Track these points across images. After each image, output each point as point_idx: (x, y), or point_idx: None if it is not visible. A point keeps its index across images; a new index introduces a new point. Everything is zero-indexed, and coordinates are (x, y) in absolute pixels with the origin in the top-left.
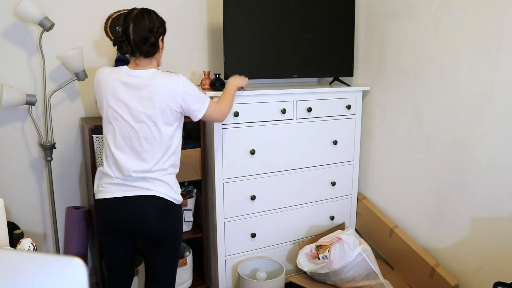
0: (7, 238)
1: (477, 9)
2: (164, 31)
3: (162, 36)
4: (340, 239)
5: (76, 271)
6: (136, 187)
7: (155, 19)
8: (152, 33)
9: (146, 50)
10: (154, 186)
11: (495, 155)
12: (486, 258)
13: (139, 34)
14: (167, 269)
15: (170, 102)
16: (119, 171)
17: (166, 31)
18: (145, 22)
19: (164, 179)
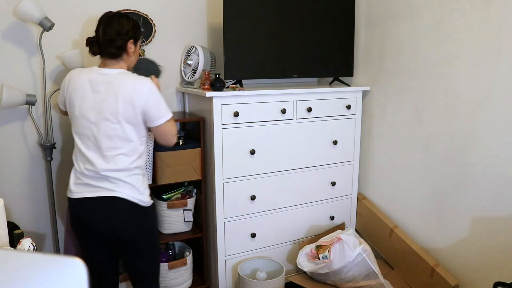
0: (7, 238)
1: (477, 9)
2: (135, 36)
3: (134, 40)
4: (340, 239)
5: (76, 271)
6: (101, 188)
7: (125, 23)
8: (119, 35)
9: (111, 51)
10: (117, 187)
11: (495, 155)
12: (486, 258)
13: (106, 36)
14: (144, 270)
15: (134, 103)
16: (88, 169)
17: (138, 36)
18: (114, 25)
19: (128, 180)
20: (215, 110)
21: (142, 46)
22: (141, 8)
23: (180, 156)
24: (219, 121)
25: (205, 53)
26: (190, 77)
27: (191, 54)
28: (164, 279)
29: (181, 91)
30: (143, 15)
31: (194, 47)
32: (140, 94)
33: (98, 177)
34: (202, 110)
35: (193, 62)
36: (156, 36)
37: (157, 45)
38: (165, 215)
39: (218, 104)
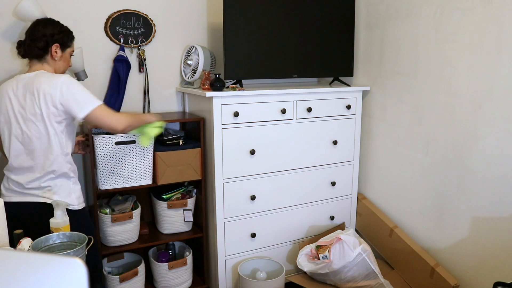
0: (7, 238)
1: (477, 9)
2: (62, 41)
3: (59, 45)
4: (340, 239)
5: (76, 271)
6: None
7: (51, 27)
8: (43, 37)
9: (32, 51)
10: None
11: (495, 155)
12: (486, 258)
13: (31, 36)
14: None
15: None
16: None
17: (66, 43)
18: (39, 28)
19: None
20: (215, 110)
21: (142, 46)
22: (141, 8)
23: (180, 156)
24: (219, 121)
25: (205, 53)
26: (190, 77)
27: (191, 54)
28: (164, 279)
29: (181, 91)
30: (143, 15)
31: (194, 47)
32: (55, 88)
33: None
34: (202, 110)
35: (193, 62)
36: (156, 36)
37: (157, 45)
38: (165, 215)
39: (218, 104)
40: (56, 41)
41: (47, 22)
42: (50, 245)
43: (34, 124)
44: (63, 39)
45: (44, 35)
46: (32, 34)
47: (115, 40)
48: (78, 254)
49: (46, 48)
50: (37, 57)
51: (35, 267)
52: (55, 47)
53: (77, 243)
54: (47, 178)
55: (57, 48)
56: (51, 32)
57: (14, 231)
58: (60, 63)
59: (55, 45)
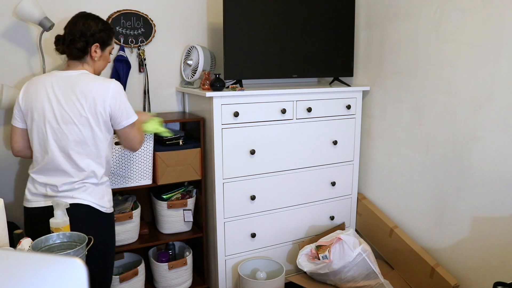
0: (7, 238)
1: (477, 9)
2: (102, 40)
3: (100, 44)
4: (340, 239)
5: (76, 271)
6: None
7: (92, 24)
8: (82, 36)
9: (71, 52)
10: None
11: (495, 155)
12: (486, 258)
13: (70, 36)
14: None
15: (99, 105)
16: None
17: (107, 42)
18: (79, 25)
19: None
20: (215, 110)
21: (142, 46)
22: (141, 8)
23: (180, 156)
24: (219, 121)
25: (205, 53)
26: (190, 77)
27: (191, 54)
28: (164, 279)
29: (181, 91)
30: (143, 15)
31: (194, 47)
32: (106, 95)
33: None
34: (202, 110)
35: (193, 62)
36: (156, 36)
37: (157, 45)
38: (165, 215)
39: (218, 104)
40: (96, 41)
41: (88, 17)
42: (50, 245)
43: (76, 127)
44: (104, 38)
45: (83, 34)
46: (71, 33)
47: (115, 40)
48: (78, 254)
49: (85, 49)
50: (75, 57)
51: (35, 267)
52: (95, 47)
53: (77, 243)
54: (83, 181)
55: (96, 48)
56: (91, 32)
57: (14, 231)
58: (100, 63)
59: (94, 45)
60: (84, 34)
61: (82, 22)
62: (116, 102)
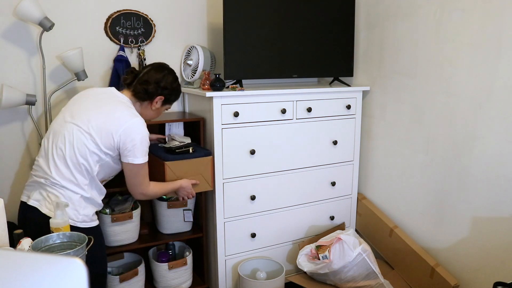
0: (7, 238)
1: (477, 9)
2: (168, 97)
3: (163, 97)
4: (340, 239)
5: (76, 271)
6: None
7: (170, 80)
8: (156, 83)
9: (138, 89)
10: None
11: (495, 155)
12: (486, 258)
13: (145, 76)
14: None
15: (109, 129)
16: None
17: (170, 101)
18: (159, 74)
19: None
20: (215, 110)
21: (142, 46)
22: (141, 8)
23: (190, 166)
24: (219, 121)
25: (205, 53)
26: (190, 77)
27: (191, 54)
28: (164, 279)
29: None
30: (143, 15)
31: (194, 47)
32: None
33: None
34: (202, 110)
35: (193, 62)
36: (156, 36)
37: (157, 45)
38: (165, 215)
39: (218, 104)
40: (164, 94)
41: (171, 72)
42: (50, 245)
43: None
44: (171, 97)
45: (158, 82)
46: (150, 75)
47: (115, 40)
48: (78, 254)
49: (153, 95)
50: (138, 96)
51: (35, 267)
52: (159, 99)
53: (77, 243)
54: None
55: (160, 100)
56: (165, 85)
57: (14, 231)
58: (151, 113)
59: (160, 97)
60: (159, 83)
61: (163, 74)
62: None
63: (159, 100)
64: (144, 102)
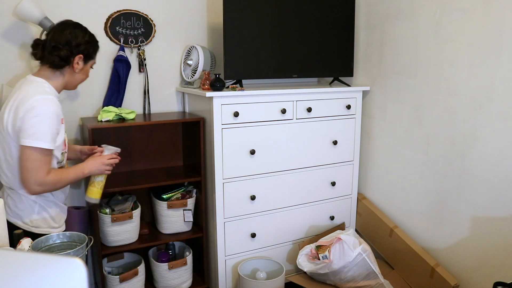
0: (7, 238)
1: (477, 9)
2: (87, 52)
3: (84, 56)
4: (340, 239)
5: (76, 271)
6: None
7: (80, 34)
8: (67, 45)
9: (52, 60)
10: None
11: (495, 155)
12: (486, 258)
13: (53, 42)
14: None
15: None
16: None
17: (91, 55)
18: (65, 33)
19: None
20: (215, 110)
21: (142, 46)
22: (141, 8)
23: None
24: (219, 121)
25: (205, 53)
26: (190, 77)
27: (191, 54)
28: (164, 279)
29: (181, 91)
30: (143, 15)
31: (194, 47)
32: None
33: None
34: (202, 110)
35: (193, 62)
36: (156, 36)
37: (157, 45)
38: (165, 215)
39: (218, 104)
40: (81, 52)
41: (76, 27)
42: (50, 245)
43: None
44: (89, 51)
45: (68, 43)
46: (55, 40)
47: (115, 40)
48: (78, 254)
49: (68, 58)
50: (55, 66)
51: (35, 267)
52: (78, 58)
53: (77, 243)
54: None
55: (80, 59)
56: (77, 42)
57: (14, 231)
58: (78, 76)
59: (78, 56)
60: (69, 43)
61: (69, 31)
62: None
63: (78, 59)
64: (65, 69)
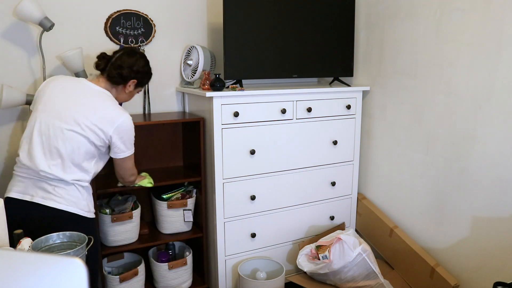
0: (7, 238)
1: (477, 9)
2: (141, 81)
3: (137, 83)
4: (340, 239)
5: (76, 271)
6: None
7: (143, 64)
8: (130, 68)
9: (112, 74)
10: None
11: (495, 155)
12: (486, 258)
13: (119, 61)
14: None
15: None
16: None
17: (142, 84)
18: (132, 58)
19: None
20: (215, 110)
21: (142, 46)
22: (141, 8)
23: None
24: (219, 121)
25: (205, 53)
26: (190, 77)
27: (191, 54)
28: (164, 279)
29: (181, 91)
30: (143, 15)
31: (194, 47)
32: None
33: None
34: (202, 110)
35: (193, 62)
36: (156, 36)
37: (157, 45)
38: (165, 215)
39: (218, 104)
40: (136, 78)
41: (142, 56)
42: (50, 245)
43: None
44: (143, 80)
45: (131, 66)
46: (122, 60)
47: (115, 40)
48: (78, 254)
49: (126, 79)
50: (113, 80)
51: (35, 267)
52: (132, 82)
53: (77, 243)
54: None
55: (133, 83)
56: (138, 69)
57: (14, 231)
58: (125, 96)
59: (133, 81)
60: (132, 67)
61: (135, 58)
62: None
63: (132, 83)
64: (119, 86)
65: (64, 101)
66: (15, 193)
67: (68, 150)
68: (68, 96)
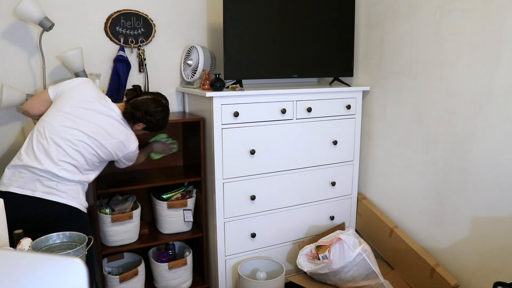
0: (7, 238)
1: (477, 9)
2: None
3: (145, 128)
4: (340, 239)
5: (76, 271)
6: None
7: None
8: (145, 113)
9: (128, 109)
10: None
11: (495, 155)
12: (486, 258)
13: (138, 102)
14: None
15: (112, 151)
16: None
17: (150, 129)
18: (151, 106)
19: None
20: (215, 110)
21: (142, 46)
22: (141, 8)
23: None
24: (219, 121)
25: (205, 53)
26: (190, 77)
27: (191, 54)
28: (164, 279)
29: (181, 91)
30: (143, 15)
31: (194, 47)
32: (121, 151)
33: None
34: (202, 110)
35: (193, 62)
36: (156, 36)
37: (157, 45)
38: (165, 215)
39: (218, 104)
40: (146, 123)
41: (163, 110)
42: (50, 245)
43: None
44: (153, 128)
45: (147, 112)
46: (142, 102)
47: (115, 40)
48: (78, 254)
49: (136, 121)
50: (125, 114)
51: (35, 267)
52: (141, 125)
53: (77, 243)
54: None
55: (141, 127)
56: (152, 118)
57: (14, 231)
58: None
59: (142, 124)
60: (147, 113)
61: (154, 105)
62: (124, 156)
63: (141, 127)
64: (129, 123)
65: (88, 115)
66: (15, 188)
67: (79, 159)
68: (93, 113)
